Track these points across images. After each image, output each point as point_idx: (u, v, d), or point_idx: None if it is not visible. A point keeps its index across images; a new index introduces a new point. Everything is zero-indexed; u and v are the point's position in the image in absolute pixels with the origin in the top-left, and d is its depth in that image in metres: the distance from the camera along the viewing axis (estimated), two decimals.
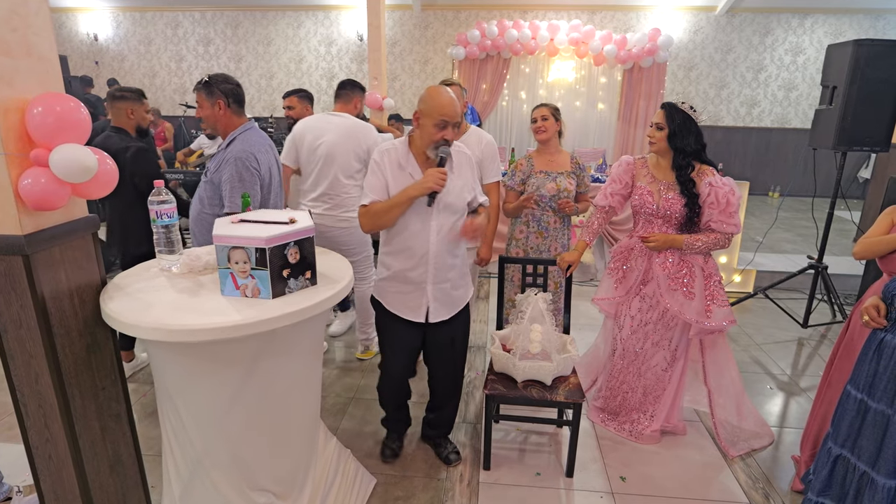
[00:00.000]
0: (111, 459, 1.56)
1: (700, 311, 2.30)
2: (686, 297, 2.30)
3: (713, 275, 2.34)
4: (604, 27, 8.07)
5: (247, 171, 2.14)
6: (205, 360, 1.40)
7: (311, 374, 1.69)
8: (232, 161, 2.14)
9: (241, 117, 2.24)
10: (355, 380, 3.01)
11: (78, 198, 1.37)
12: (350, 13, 8.63)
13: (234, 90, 2.20)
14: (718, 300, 2.31)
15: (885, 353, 1.66)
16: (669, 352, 2.41)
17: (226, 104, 2.17)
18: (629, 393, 2.52)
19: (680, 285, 2.31)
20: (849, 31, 8.16)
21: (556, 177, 2.68)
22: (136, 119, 2.75)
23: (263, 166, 2.24)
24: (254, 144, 2.20)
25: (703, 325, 2.29)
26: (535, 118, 2.70)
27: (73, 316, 1.39)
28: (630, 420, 2.53)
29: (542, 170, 2.70)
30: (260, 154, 2.22)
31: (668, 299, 2.32)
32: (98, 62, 9.20)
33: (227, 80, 2.19)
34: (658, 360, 2.43)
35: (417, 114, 1.89)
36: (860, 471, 1.71)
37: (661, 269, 2.34)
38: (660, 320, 2.37)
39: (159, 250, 1.60)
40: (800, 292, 4.29)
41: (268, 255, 1.39)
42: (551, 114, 2.67)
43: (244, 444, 1.53)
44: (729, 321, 2.31)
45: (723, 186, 2.22)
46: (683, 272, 2.32)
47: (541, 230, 2.74)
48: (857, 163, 8.11)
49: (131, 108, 2.73)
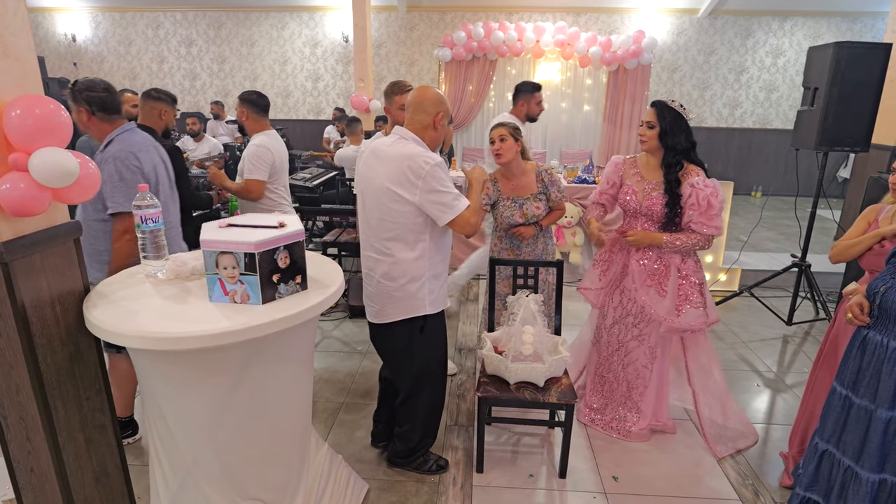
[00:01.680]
0: (96, 471, 1.52)
1: (670, 309, 2.33)
2: (658, 295, 2.35)
3: (690, 276, 2.34)
4: (588, 29, 8.13)
5: (127, 170, 2.03)
6: (193, 368, 1.37)
7: (302, 381, 1.66)
8: (110, 160, 2.03)
9: (111, 123, 2.11)
10: (346, 385, 2.98)
11: (59, 203, 1.33)
12: (335, 14, 8.58)
13: (101, 98, 2.06)
14: (693, 301, 2.32)
15: (869, 349, 1.69)
16: (648, 347, 2.45)
17: (89, 112, 2.05)
18: (614, 384, 2.56)
19: (654, 283, 2.36)
20: (827, 33, 8.34)
21: (523, 203, 2.58)
22: (165, 121, 2.74)
23: (147, 164, 2.12)
24: (134, 144, 2.10)
25: (671, 324, 2.32)
26: (492, 139, 2.50)
27: (55, 324, 1.35)
28: (617, 418, 2.55)
29: (509, 196, 2.60)
30: (141, 153, 2.10)
31: (642, 294, 2.36)
32: (76, 63, 9.01)
33: (91, 87, 2.06)
34: (639, 355, 2.46)
35: (439, 115, 1.92)
36: (845, 465, 1.74)
37: (637, 264, 2.39)
38: (639, 314, 2.41)
39: (144, 256, 1.57)
40: (784, 290, 4.35)
41: (257, 259, 1.36)
42: (510, 134, 2.49)
43: (234, 452, 1.50)
44: (703, 322, 2.32)
45: (704, 188, 2.22)
46: (659, 270, 2.36)
47: (513, 247, 2.70)
48: (835, 163, 8.28)
49: (164, 109, 2.72)
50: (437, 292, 2.00)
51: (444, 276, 2.05)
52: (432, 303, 1.98)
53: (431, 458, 2.28)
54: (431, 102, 1.91)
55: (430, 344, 2.07)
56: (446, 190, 1.82)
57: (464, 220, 1.84)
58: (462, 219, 1.84)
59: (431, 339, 2.06)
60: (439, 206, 1.82)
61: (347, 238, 4.17)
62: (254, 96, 2.89)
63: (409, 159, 1.83)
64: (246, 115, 2.90)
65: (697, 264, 2.40)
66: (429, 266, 1.94)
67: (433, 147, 1.96)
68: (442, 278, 2.03)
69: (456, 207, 1.82)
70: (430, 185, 1.81)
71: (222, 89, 9.04)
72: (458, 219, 1.84)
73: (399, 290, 1.94)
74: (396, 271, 1.92)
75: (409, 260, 1.91)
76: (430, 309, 1.98)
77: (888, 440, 1.64)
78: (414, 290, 1.94)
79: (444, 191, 1.82)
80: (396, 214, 1.87)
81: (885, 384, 1.62)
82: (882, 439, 1.64)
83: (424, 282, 1.94)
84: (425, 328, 2.01)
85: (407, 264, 1.91)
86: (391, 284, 1.94)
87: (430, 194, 1.81)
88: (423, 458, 2.27)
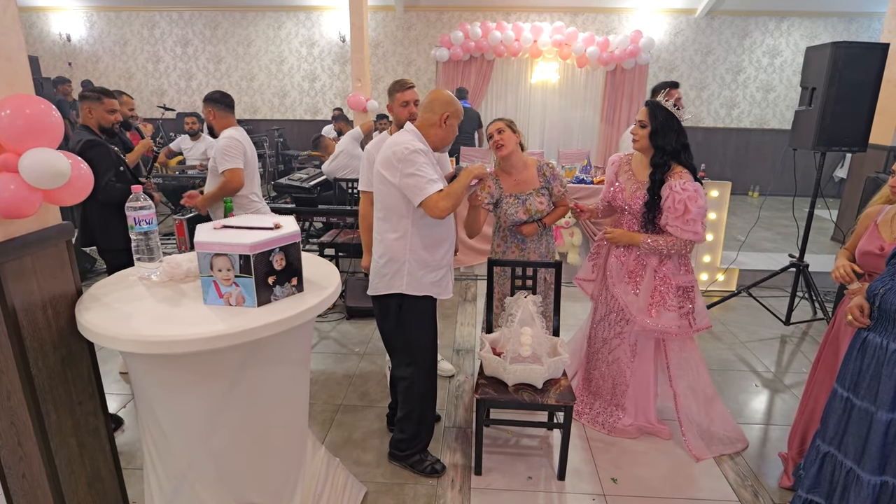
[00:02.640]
0: (89, 476, 1.50)
1: (642, 308, 2.33)
2: (633, 293, 2.36)
3: (667, 278, 2.32)
4: (586, 29, 8.13)
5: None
6: (188, 371, 1.35)
7: (298, 384, 1.64)
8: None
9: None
10: (343, 387, 2.96)
11: (50, 204, 1.31)
12: (332, 14, 8.55)
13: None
14: (668, 304, 2.31)
15: (869, 351, 1.68)
16: (629, 345, 2.45)
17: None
18: (600, 381, 2.58)
19: (631, 280, 2.37)
20: (823, 33, 8.35)
21: (526, 199, 2.55)
22: (95, 117, 2.79)
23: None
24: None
25: (644, 324, 2.32)
26: (490, 134, 2.52)
27: (47, 328, 1.33)
28: (604, 412, 2.58)
29: (512, 192, 2.58)
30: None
31: (620, 291, 2.39)
32: (71, 63, 8.96)
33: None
34: (620, 354, 2.48)
35: (446, 116, 2.07)
36: (846, 467, 1.74)
37: (615, 260, 2.42)
38: (620, 311, 2.43)
39: (138, 258, 1.54)
40: (782, 290, 4.35)
41: (252, 261, 1.35)
42: (507, 126, 2.50)
43: (230, 456, 1.48)
44: (679, 326, 2.30)
45: (682, 192, 2.19)
46: (636, 269, 2.37)
47: (518, 243, 2.67)
48: (832, 163, 8.29)
49: (89, 107, 2.77)
50: (416, 277, 2.10)
51: (432, 266, 2.12)
52: (409, 284, 2.10)
53: (428, 459, 2.29)
54: (440, 103, 2.08)
55: (411, 327, 2.18)
56: (421, 174, 1.96)
57: (433, 202, 1.95)
58: (431, 201, 1.95)
59: (411, 321, 2.17)
60: (413, 188, 1.97)
61: (345, 239, 4.15)
62: (217, 95, 2.96)
63: (394, 145, 2.02)
64: (213, 115, 2.94)
65: (681, 267, 2.36)
66: (409, 249, 2.08)
67: (440, 145, 2.13)
68: (428, 267, 2.11)
69: (426, 190, 1.95)
70: (406, 168, 1.97)
71: (218, 89, 8.99)
72: (428, 200, 1.95)
73: (383, 266, 2.13)
74: (381, 249, 2.14)
75: (391, 240, 2.10)
76: (407, 290, 2.10)
77: (889, 442, 1.63)
78: (394, 269, 2.11)
79: (419, 175, 1.96)
80: (384, 195, 2.08)
81: (885, 386, 1.62)
82: (883, 441, 1.63)
83: (404, 263, 2.09)
84: (403, 307, 2.14)
85: (389, 244, 2.10)
86: (378, 261, 2.15)
87: (406, 178, 1.98)
88: (420, 457, 2.29)
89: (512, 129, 2.52)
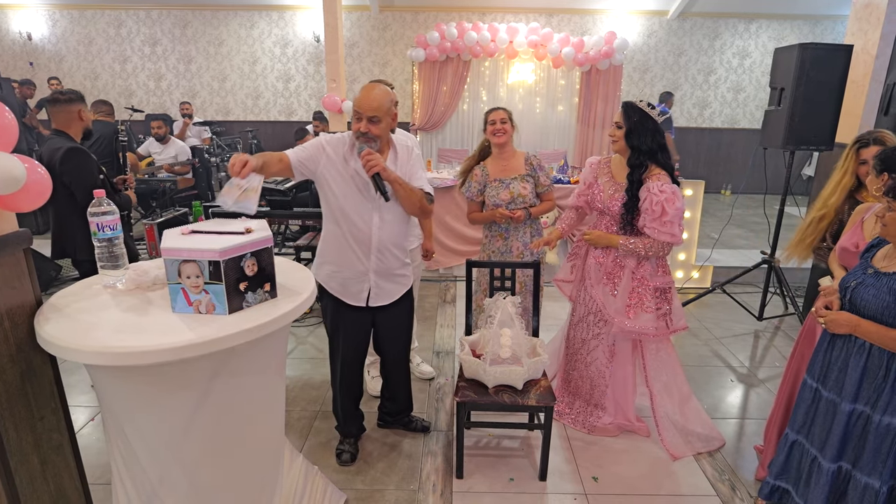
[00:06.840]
0: (54, 495, 1.43)
1: (619, 309, 2.35)
2: (611, 294, 2.38)
3: (645, 280, 2.34)
4: (561, 30, 8.19)
5: None
6: (156, 383, 1.29)
7: (273, 392, 1.59)
8: None
9: None
10: (321, 392, 2.91)
11: (5, 211, 1.24)
12: (305, 14, 8.43)
13: None
14: (646, 306, 2.33)
15: (838, 344, 1.73)
16: (607, 346, 2.46)
17: None
18: (580, 381, 2.59)
19: (609, 281, 2.39)
20: (790, 35, 8.59)
21: (510, 183, 2.66)
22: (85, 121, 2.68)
23: None
24: None
25: (622, 325, 2.34)
26: (493, 120, 2.63)
27: (4, 341, 1.26)
28: (584, 412, 2.59)
29: (497, 177, 2.69)
30: None
31: (598, 292, 2.40)
32: (32, 63, 8.64)
33: None
34: (598, 355, 2.49)
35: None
36: (811, 455, 1.80)
37: (593, 261, 2.43)
38: (598, 312, 2.44)
39: (102, 265, 1.48)
40: (754, 286, 4.45)
41: (222, 268, 1.30)
42: (509, 117, 2.65)
43: (203, 470, 1.42)
44: (655, 328, 2.32)
45: (659, 194, 2.20)
46: (614, 271, 2.38)
47: (501, 232, 2.74)
48: (800, 161, 8.53)
49: (80, 109, 2.65)
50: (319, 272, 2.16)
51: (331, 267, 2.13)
52: (316, 275, 2.14)
53: (416, 419, 2.56)
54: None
55: (324, 314, 2.24)
56: None
57: None
58: None
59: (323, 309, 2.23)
60: None
61: None
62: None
63: None
64: None
65: (658, 269, 2.38)
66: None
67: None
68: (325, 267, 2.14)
69: None
70: None
71: (189, 90, 8.79)
72: None
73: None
74: None
75: None
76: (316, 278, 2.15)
77: (849, 431, 1.68)
78: None
79: None
80: None
81: (850, 378, 1.67)
82: (843, 431, 1.69)
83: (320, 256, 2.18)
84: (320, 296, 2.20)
85: None
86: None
87: None
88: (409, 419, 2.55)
89: (511, 122, 2.66)
